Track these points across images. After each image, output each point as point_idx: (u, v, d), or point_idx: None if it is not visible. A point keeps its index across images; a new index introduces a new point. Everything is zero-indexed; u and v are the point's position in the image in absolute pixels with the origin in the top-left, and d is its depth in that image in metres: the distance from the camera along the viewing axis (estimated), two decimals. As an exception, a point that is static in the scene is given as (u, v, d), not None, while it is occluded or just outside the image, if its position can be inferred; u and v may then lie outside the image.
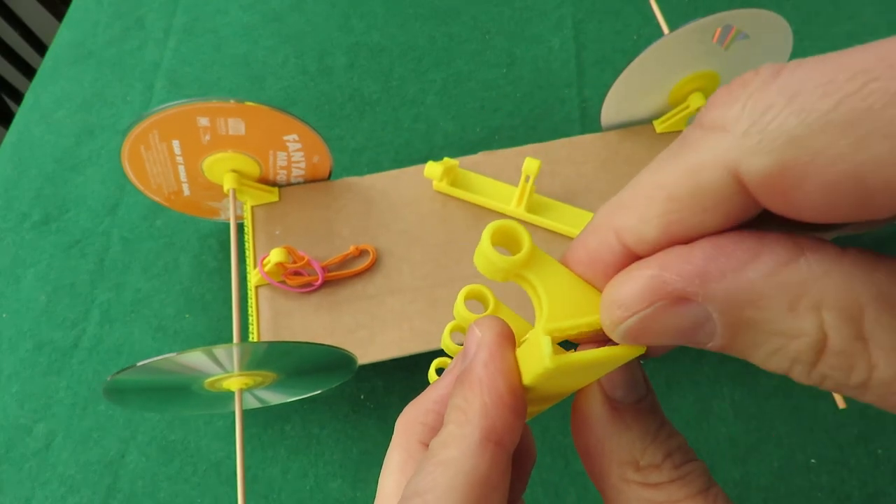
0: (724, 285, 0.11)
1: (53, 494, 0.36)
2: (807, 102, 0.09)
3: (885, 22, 0.51)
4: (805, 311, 0.10)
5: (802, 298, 0.10)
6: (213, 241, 0.44)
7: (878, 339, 0.10)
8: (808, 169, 0.09)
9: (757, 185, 0.10)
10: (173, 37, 0.54)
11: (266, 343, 0.29)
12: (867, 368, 0.10)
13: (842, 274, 0.10)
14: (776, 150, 0.10)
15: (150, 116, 0.33)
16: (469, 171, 0.39)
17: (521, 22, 0.53)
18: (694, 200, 0.11)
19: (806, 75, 0.10)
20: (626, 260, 0.12)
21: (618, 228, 0.12)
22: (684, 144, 0.11)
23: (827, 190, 0.10)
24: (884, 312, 0.10)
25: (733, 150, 0.10)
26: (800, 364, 0.11)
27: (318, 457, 0.37)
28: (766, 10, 0.34)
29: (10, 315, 0.42)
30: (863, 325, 0.10)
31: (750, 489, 0.35)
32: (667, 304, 0.11)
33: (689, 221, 0.11)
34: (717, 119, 0.11)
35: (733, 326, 0.11)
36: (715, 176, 0.11)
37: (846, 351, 0.10)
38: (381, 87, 0.50)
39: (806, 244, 0.11)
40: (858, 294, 0.10)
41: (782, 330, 0.11)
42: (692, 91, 0.39)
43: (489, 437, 0.13)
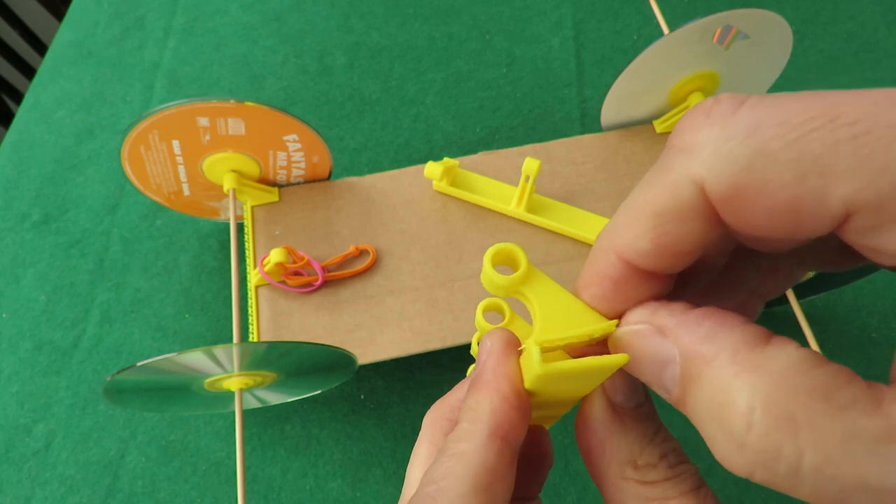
0: (695, 336, 0.12)
1: (53, 494, 0.36)
2: (762, 139, 0.11)
3: (885, 22, 0.51)
4: (743, 383, 0.11)
5: (747, 372, 0.11)
6: (213, 241, 0.44)
7: (808, 426, 0.10)
8: (758, 192, 0.11)
9: (717, 201, 0.12)
10: (173, 37, 0.54)
11: (266, 343, 0.29)
12: (796, 451, 0.11)
13: (789, 361, 0.11)
14: (734, 175, 0.12)
15: (149, 116, 0.33)
16: (469, 171, 0.39)
17: (521, 22, 0.53)
18: (676, 213, 0.13)
19: (764, 114, 0.11)
20: (629, 274, 0.14)
21: (617, 248, 0.14)
22: (662, 166, 0.13)
23: (771, 211, 0.12)
24: (818, 402, 0.11)
25: (700, 169, 0.12)
26: (730, 436, 0.11)
27: (318, 457, 0.37)
28: (766, 10, 0.34)
29: (9, 315, 0.42)
30: (794, 410, 0.11)
31: (750, 489, 0.35)
32: (649, 329, 0.14)
33: (675, 232, 0.13)
34: (686, 143, 0.13)
35: (687, 377, 0.12)
36: (688, 190, 0.12)
37: (772, 432, 0.11)
38: (380, 87, 0.50)
39: (776, 339, 0.12)
40: (797, 381, 0.11)
41: (721, 394, 0.12)
42: (692, 91, 0.39)
43: (496, 433, 0.15)
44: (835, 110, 0.11)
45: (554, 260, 0.36)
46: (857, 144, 0.10)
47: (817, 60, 0.49)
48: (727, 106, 0.12)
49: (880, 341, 0.39)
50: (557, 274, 0.36)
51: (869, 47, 0.50)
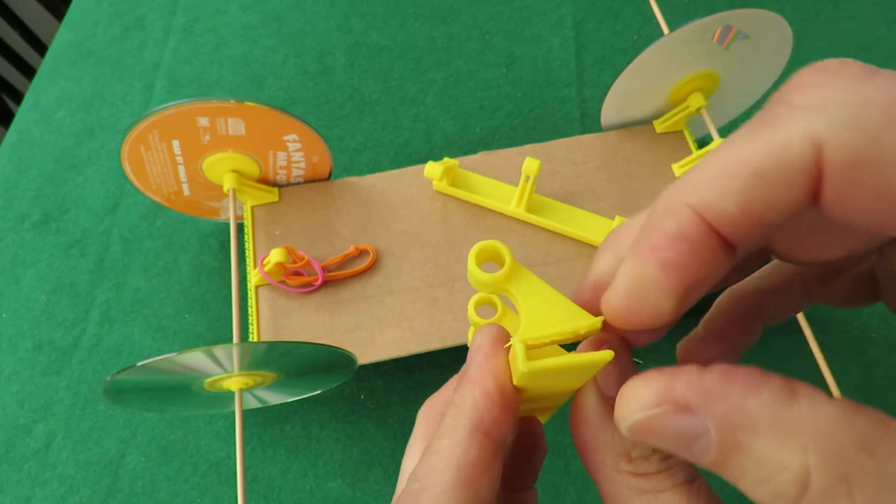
0: (726, 406, 0.12)
1: (53, 494, 0.36)
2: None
3: (885, 22, 0.51)
4: (792, 447, 0.11)
5: (792, 435, 0.11)
6: (212, 241, 0.44)
7: (860, 483, 0.10)
8: (881, 168, 0.10)
9: (832, 169, 0.11)
10: (173, 37, 0.54)
11: (266, 343, 0.29)
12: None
13: (829, 417, 0.11)
14: (861, 143, 0.10)
15: (149, 116, 0.33)
16: (469, 171, 0.39)
17: (521, 22, 0.53)
18: (781, 174, 0.11)
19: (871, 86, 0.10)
20: (708, 238, 0.12)
21: (695, 204, 0.12)
22: (766, 122, 0.12)
23: (878, 193, 0.10)
24: (866, 457, 0.10)
25: (823, 129, 0.11)
26: (783, 499, 0.11)
27: (318, 457, 0.37)
28: (766, 10, 0.34)
29: (9, 315, 0.42)
30: (846, 468, 0.10)
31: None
32: (672, 409, 0.12)
33: (771, 198, 0.11)
34: (807, 100, 0.11)
35: (726, 447, 0.12)
36: (803, 150, 0.11)
37: (829, 491, 0.10)
38: (380, 87, 0.50)
39: (800, 388, 0.11)
40: (843, 438, 0.11)
41: (770, 460, 0.11)
42: (692, 91, 0.39)
43: (478, 429, 0.15)
44: None
45: (554, 260, 0.36)
46: None
47: (817, 60, 0.49)
48: (860, 71, 0.11)
49: (880, 341, 0.39)
50: (557, 274, 0.36)
51: (869, 47, 0.50)
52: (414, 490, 0.15)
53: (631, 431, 0.13)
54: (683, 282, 0.12)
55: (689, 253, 0.12)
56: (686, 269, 0.12)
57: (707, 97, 0.39)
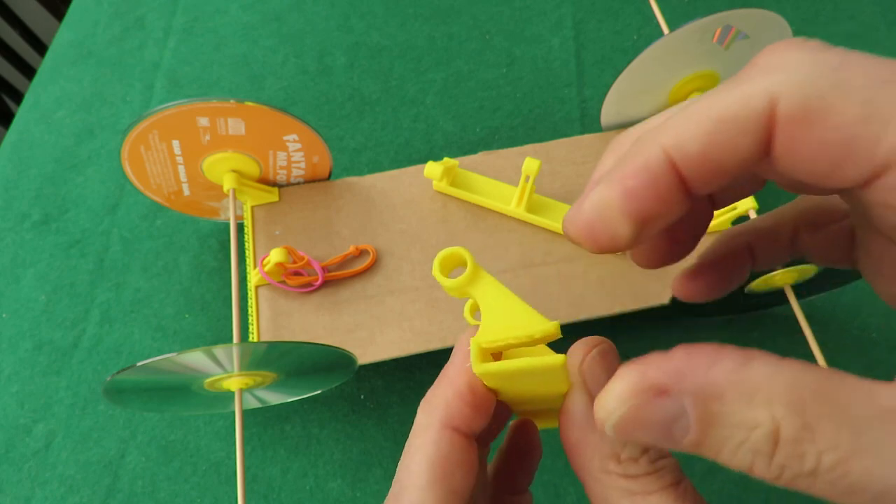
0: (696, 380, 0.13)
1: (53, 494, 0.36)
2: (845, 76, 0.12)
3: (885, 22, 0.51)
4: (759, 405, 0.12)
5: (757, 393, 0.12)
6: (213, 241, 0.44)
7: (820, 429, 0.11)
8: (823, 121, 0.12)
9: (783, 120, 0.12)
10: (173, 37, 0.54)
11: (266, 343, 0.29)
12: (816, 454, 0.11)
13: (785, 373, 0.12)
14: (809, 98, 0.12)
15: (149, 116, 0.33)
16: (469, 171, 0.39)
17: (521, 22, 0.53)
18: (739, 122, 0.13)
19: (853, 58, 0.12)
20: (668, 176, 0.14)
21: (664, 144, 0.13)
22: (736, 80, 0.13)
23: (825, 144, 0.12)
24: (823, 405, 0.12)
25: (778, 85, 0.12)
26: (760, 456, 0.12)
27: (318, 457, 0.37)
28: (766, 10, 0.34)
29: (9, 315, 0.42)
30: (807, 417, 0.12)
31: (749, 489, 0.35)
32: (650, 396, 0.13)
33: (730, 143, 0.13)
34: (771, 63, 0.13)
35: (703, 420, 0.13)
36: (760, 103, 0.12)
37: (797, 438, 0.12)
38: (380, 87, 0.50)
39: (754, 353, 0.13)
40: (801, 390, 0.12)
41: (743, 422, 0.12)
42: (692, 91, 0.39)
43: (447, 425, 0.16)
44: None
45: (554, 260, 0.36)
46: None
47: (817, 60, 0.49)
48: (818, 44, 0.13)
49: (880, 341, 0.39)
50: (557, 274, 0.36)
51: (869, 47, 0.50)
52: (395, 492, 0.16)
53: (615, 429, 0.14)
54: (640, 210, 0.14)
55: (650, 185, 0.14)
56: (644, 199, 0.14)
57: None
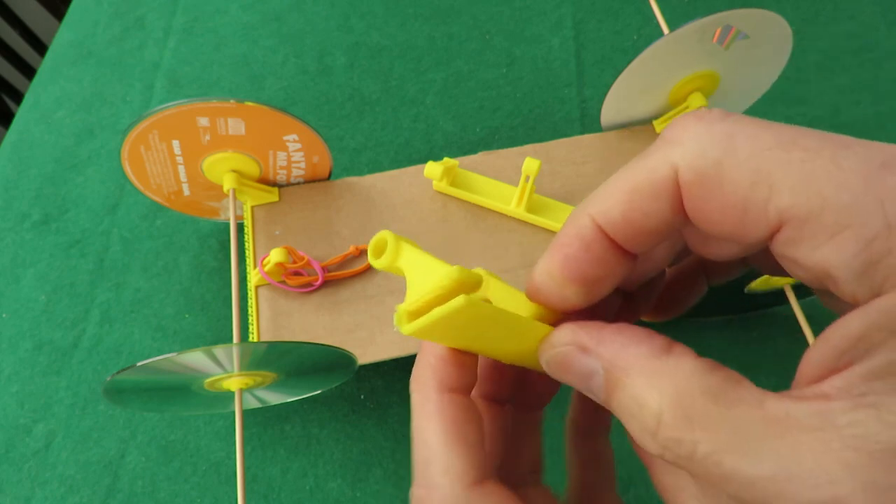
0: (612, 350, 0.15)
1: (53, 494, 0.36)
2: (733, 146, 0.14)
3: (885, 22, 0.51)
4: (652, 389, 0.14)
5: (654, 379, 0.14)
6: (213, 241, 0.44)
7: (702, 422, 0.13)
8: (718, 187, 0.14)
9: (684, 186, 0.14)
10: (173, 37, 0.54)
11: (266, 343, 0.29)
12: (692, 443, 0.13)
13: (685, 370, 0.14)
14: (703, 168, 0.14)
15: (149, 116, 0.33)
16: (469, 171, 0.39)
17: (521, 22, 0.53)
18: (648, 191, 0.15)
19: (743, 128, 0.14)
20: (600, 240, 0.16)
21: (592, 213, 0.16)
22: (647, 153, 0.15)
23: (724, 206, 0.14)
24: (709, 403, 0.13)
25: (678, 157, 0.14)
26: (645, 432, 0.14)
27: (317, 457, 0.37)
28: (766, 10, 0.34)
29: (9, 315, 0.42)
30: (691, 410, 0.13)
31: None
32: (575, 348, 0.15)
33: (644, 209, 0.15)
34: (674, 136, 0.15)
35: (611, 383, 0.15)
36: (664, 172, 0.14)
37: (675, 426, 0.13)
38: (380, 87, 0.50)
39: (676, 348, 0.14)
40: (692, 386, 0.13)
41: (637, 397, 0.14)
42: (692, 91, 0.39)
43: (442, 390, 0.17)
44: (800, 139, 0.13)
45: (554, 260, 0.36)
46: (803, 169, 0.13)
47: (817, 60, 0.49)
48: (717, 115, 0.14)
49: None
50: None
51: (869, 47, 0.50)
52: (421, 469, 0.17)
53: (547, 366, 0.16)
54: (579, 272, 0.16)
55: (584, 250, 0.16)
56: (581, 263, 0.16)
57: (707, 97, 0.39)
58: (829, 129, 0.44)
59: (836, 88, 0.48)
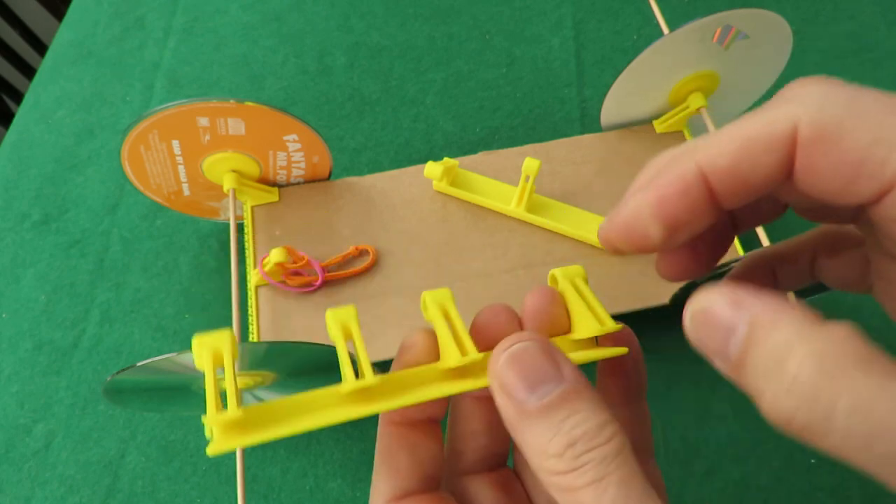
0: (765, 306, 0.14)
1: (53, 494, 0.36)
2: (857, 107, 0.14)
3: (885, 22, 0.51)
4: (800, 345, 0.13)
5: (803, 337, 0.13)
6: (212, 241, 0.44)
7: (844, 380, 0.13)
8: (837, 143, 0.14)
9: (802, 141, 0.14)
10: (173, 37, 0.54)
11: (266, 343, 0.29)
12: (831, 400, 0.13)
13: (838, 335, 0.13)
14: (825, 124, 0.14)
15: (149, 116, 0.33)
16: (469, 171, 0.39)
17: (521, 22, 0.53)
18: (764, 141, 0.15)
19: (865, 94, 0.14)
20: (699, 187, 0.16)
21: (699, 158, 0.16)
22: (765, 107, 0.15)
23: (838, 163, 0.14)
24: (856, 365, 0.13)
25: (800, 111, 0.14)
26: (782, 390, 0.13)
27: (318, 457, 0.37)
28: (766, 10, 0.34)
29: (9, 315, 0.42)
30: (836, 370, 0.13)
31: (750, 489, 0.35)
32: (727, 301, 0.15)
33: (755, 159, 0.15)
34: (795, 94, 0.15)
35: (750, 340, 0.14)
36: (784, 126, 0.14)
37: (817, 382, 0.13)
38: (380, 87, 0.50)
39: (831, 321, 0.14)
40: (841, 349, 0.13)
41: (778, 351, 0.13)
42: (692, 91, 0.39)
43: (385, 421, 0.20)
44: None
45: (554, 260, 0.36)
46: None
47: (817, 60, 0.49)
48: (838, 81, 0.15)
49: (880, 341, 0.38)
50: (557, 274, 0.36)
51: (869, 47, 0.50)
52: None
53: (692, 319, 0.15)
54: (671, 215, 0.16)
55: (682, 194, 0.16)
56: (676, 206, 0.16)
57: (707, 97, 0.39)
58: (829, 129, 0.42)
59: (836, 88, 0.48)
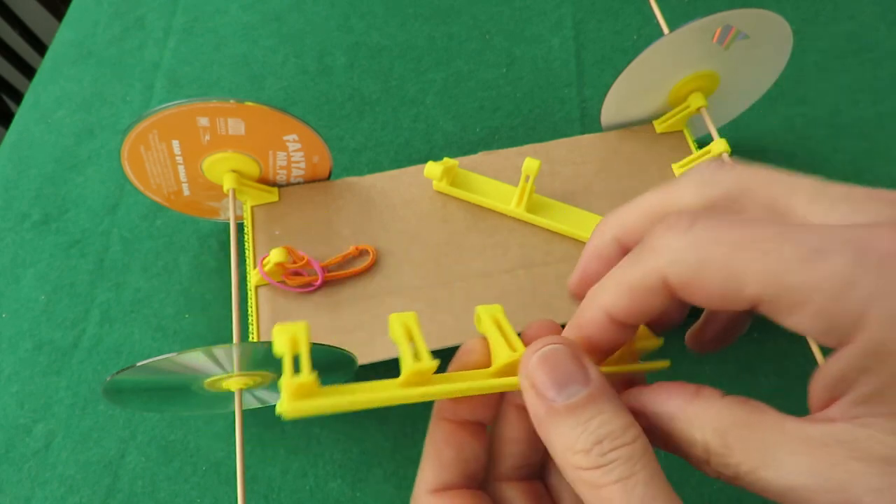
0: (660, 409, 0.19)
1: (53, 494, 0.36)
2: (703, 253, 0.17)
3: (885, 22, 0.51)
4: (696, 429, 0.18)
5: (695, 421, 0.18)
6: (212, 241, 0.44)
7: (738, 447, 0.17)
8: (700, 285, 0.17)
9: (674, 285, 0.18)
10: (173, 37, 0.54)
11: (266, 343, 0.29)
12: (735, 465, 0.17)
13: (717, 408, 0.17)
14: (684, 274, 0.17)
15: (149, 116, 0.33)
16: (469, 171, 0.39)
17: (521, 22, 0.53)
18: (645, 290, 0.18)
19: (706, 234, 0.17)
20: (609, 322, 0.20)
21: (601, 305, 0.20)
22: (638, 257, 0.19)
23: (709, 296, 0.17)
24: (743, 430, 0.17)
25: (663, 266, 0.18)
26: (702, 462, 0.18)
27: (318, 457, 0.37)
28: (766, 10, 0.34)
29: (9, 315, 0.42)
30: (727, 439, 0.17)
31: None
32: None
33: (643, 301, 0.19)
34: (654, 245, 0.18)
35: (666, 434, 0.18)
36: (655, 278, 0.18)
37: (720, 454, 0.17)
38: (380, 87, 0.50)
39: (704, 391, 0.18)
40: (726, 421, 0.17)
41: (687, 439, 0.18)
42: (692, 91, 0.39)
43: (437, 416, 0.22)
44: (757, 237, 0.16)
45: (554, 260, 0.36)
46: (764, 261, 0.16)
47: (817, 60, 0.49)
48: (684, 223, 0.18)
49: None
50: (557, 274, 0.36)
51: (869, 47, 0.50)
52: None
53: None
54: (598, 347, 0.21)
55: (601, 331, 0.20)
56: (601, 341, 0.20)
57: (707, 97, 0.39)
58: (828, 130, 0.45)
59: (836, 88, 0.48)
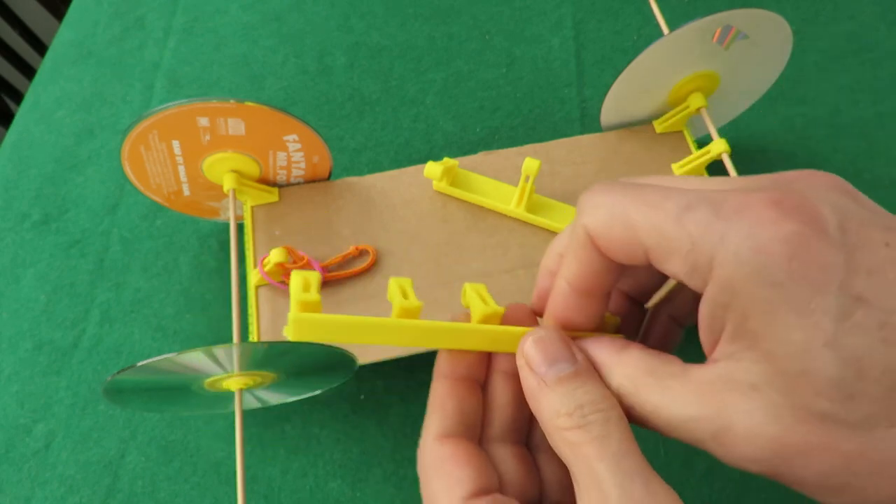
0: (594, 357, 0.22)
1: (53, 494, 0.36)
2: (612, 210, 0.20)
3: (885, 22, 0.51)
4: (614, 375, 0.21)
5: (614, 368, 0.21)
6: (212, 241, 0.44)
7: (645, 390, 0.20)
8: (610, 235, 0.20)
9: (594, 237, 0.21)
10: (173, 37, 0.54)
11: (266, 343, 0.29)
12: (641, 404, 0.20)
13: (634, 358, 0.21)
14: (599, 226, 0.21)
15: (149, 116, 0.33)
16: (469, 171, 0.39)
17: (521, 22, 0.53)
18: (580, 249, 0.22)
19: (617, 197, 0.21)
20: (574, 294, 0.23)
21: (562, 276, 0.23)
22: (574, 222, 0.22)
23: (619, 247, 0.20)
24: (650, 377, 0.20)
25: (587, 221, 0.21)
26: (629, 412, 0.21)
27: (317, 457, 0.37)
28: (766, 10, 0.34)
29: (9, 315, 0.42)
30: (636, 383, 0.20)
31: (750, 489, 0.35)
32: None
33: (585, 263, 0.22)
34: (581, 207, 0.22)
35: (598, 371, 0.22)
36: (582, 233, 0.21)
37: (629, 394, 0.20)
38: (380, 87, 0.50)
39: (631, 346, 0.22)
40: (637, 368, 0.21)
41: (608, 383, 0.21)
42: (692, 91, 0.39)
43: (438, 373, 0.25)
44: (647, 197, 0.20)
45: (554, 260, 0.36)
46: (651, 214, 0.19)
47: (817, 60, 0.49)
48: (603, 187, 0.21)
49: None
50: (557, 274, 0.36)
51: (869, 47, 0.50)
52: None
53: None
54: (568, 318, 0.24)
55: (567, 301, 0.23)
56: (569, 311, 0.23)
57: (707, 97, 0.39)
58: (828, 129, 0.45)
59: (836, 88, 0.48)
